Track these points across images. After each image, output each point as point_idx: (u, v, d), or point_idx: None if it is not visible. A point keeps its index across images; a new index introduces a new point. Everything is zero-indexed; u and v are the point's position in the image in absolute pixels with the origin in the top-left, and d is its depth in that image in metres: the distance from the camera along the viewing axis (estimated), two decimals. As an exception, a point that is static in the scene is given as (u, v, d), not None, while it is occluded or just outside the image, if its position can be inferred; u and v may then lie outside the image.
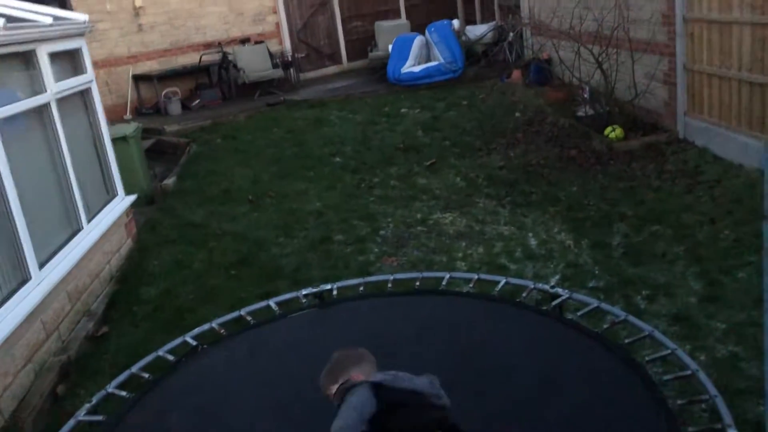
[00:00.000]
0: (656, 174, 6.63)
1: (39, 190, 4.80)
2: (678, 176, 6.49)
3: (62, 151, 5.09)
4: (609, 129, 7.60)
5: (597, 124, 7.90)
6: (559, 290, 3.87)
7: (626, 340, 3.44)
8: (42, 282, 4.40)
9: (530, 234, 5.75)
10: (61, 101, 5.18)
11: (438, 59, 12.32)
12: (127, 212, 6.17)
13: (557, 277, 4.97)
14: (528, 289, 3.98)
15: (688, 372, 3.00)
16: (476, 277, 4.26)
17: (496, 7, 13.93)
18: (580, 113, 8.66)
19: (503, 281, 4.09)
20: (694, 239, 5.23)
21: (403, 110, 10.54)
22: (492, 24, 13.72)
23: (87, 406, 3.39)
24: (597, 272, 4.97)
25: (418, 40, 12.76)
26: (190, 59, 13.00)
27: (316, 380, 2.54)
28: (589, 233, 5.60)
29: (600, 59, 7.93)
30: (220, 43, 13.07)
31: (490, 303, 3.93)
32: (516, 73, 11.48)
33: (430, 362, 3.31)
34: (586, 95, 8.65)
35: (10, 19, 4.59)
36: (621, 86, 7.97)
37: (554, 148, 7.75)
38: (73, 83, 5.47)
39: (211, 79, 13.11)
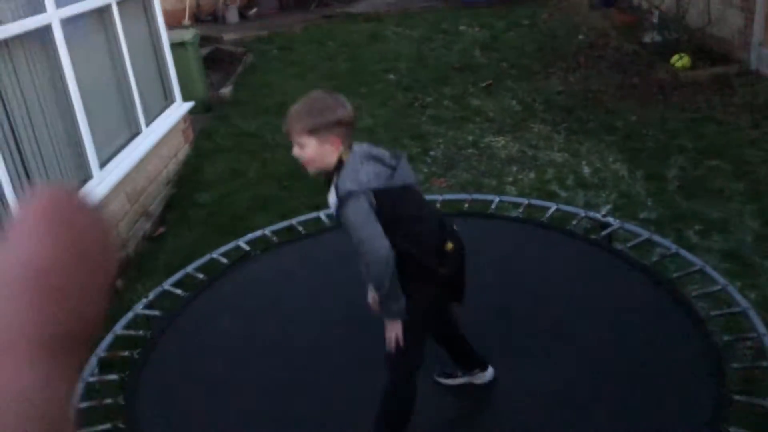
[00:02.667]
0: (722, 107, 6.37)
1: (100, 91, 4.90)
2: (744, 110, 6.22)
3: (123, 54, 5.15)
4: (676, 57, 7.28)
5: (664, 52, 7.56)
6: (610, 220, 3.83)
7: (675, 274, 3.42)
8: (103, 182, 4.56)
9: (584, 162, 5.65)
10: (122, 3, 5.19)
11: (501, -25, 11.84)
12: (184, 118, 6.27)
13: (609, 206, 4.90)
14: (578, 217, 3.96)
15: (738, 309, 2.98)
16: (526, 202, 4.24)
17: None
18: (647, 39, 8.28)
19: (553, 207, 4.06)
20: (755, 176, 5.06)
21: (461, 28, 10.25)
22: (561, -61, 13.05)
23: (144, 300, 3.58)
24: (650, 204, 4.89)
25: (482, -46, 12.25)
26: (248, -34, 12.79)
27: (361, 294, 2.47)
28: (644, 164, 5.47)
29: (674, -18, 7.52)
30: (278, -50, 12.79)
31: (538, 229, 3.93)
32: (582, -6, 10.99)
33: (476, 285, 3.36)
34: (654, 20, 8.24)
35: None
36: (693, 12, 7.57)
37: (616, 75, 7.48)
38: (134, -15, 5.48)
39: (268, -13, 12.91)
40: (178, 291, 3.63)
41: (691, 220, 4.61)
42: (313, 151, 2.26)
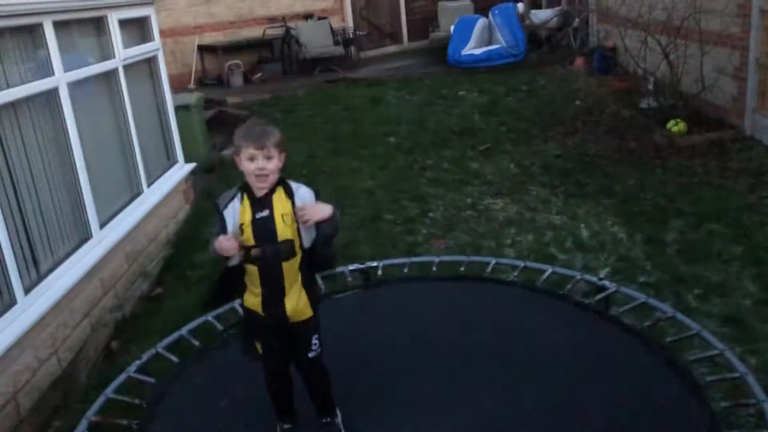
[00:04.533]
0: (718, 171, 6.44)
1: (103, 153, 4.97)
2: (741, 174, 6.28)
3: (127, 116, 5.25)
4: (672, 122, 7.40)
5: (660, 117, 7.69)
6: (606, 283, 3.83)
7: (672, 338, 3.39)
8: (102, 241, 4.58)
9: (582, 225, 5.67)
10: (128, 67, 5.33)
11: (500, 43, 12.15)
12: (186, 179, 6.34)
13: (607, 270, 4.89)
14: (575, 280, 3.95)
15: (736, 374, 2.94)
16: (522, 264, 4.24)
17: (563, -8, 13.64)
18: (643, 105, 8.45)
19: (550, 270, 4.06)
20: (754, 240, 5.07)
21: (461, 93, 10.46)
22: (557, 9, 13.47)
23: (137, 363, 3.54)
24: (649, 267, 4.87)
25: (481, 22, 12.61)
26: (254, 33, 13.18)
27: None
28: (643, 227, 5.49)
29: (667, 50, 7.70)
30: (283, 18, 13.19)
31: (534, 293, 3.91)
32: (579, 61, 11.26)
33: (469, 350, 3.32)
34: (650, 86, 8.43)
35: (84, -14, 4.74)
36: (687, 79, 7.73)
37: (613, 139, 7.58)
38: (141, 50, 5.62)
39: (274, 53, 13.26)
40: (172, 356, 3.59)
41: (691, 283, 4.59)
42: (278, 164, 2.66)
